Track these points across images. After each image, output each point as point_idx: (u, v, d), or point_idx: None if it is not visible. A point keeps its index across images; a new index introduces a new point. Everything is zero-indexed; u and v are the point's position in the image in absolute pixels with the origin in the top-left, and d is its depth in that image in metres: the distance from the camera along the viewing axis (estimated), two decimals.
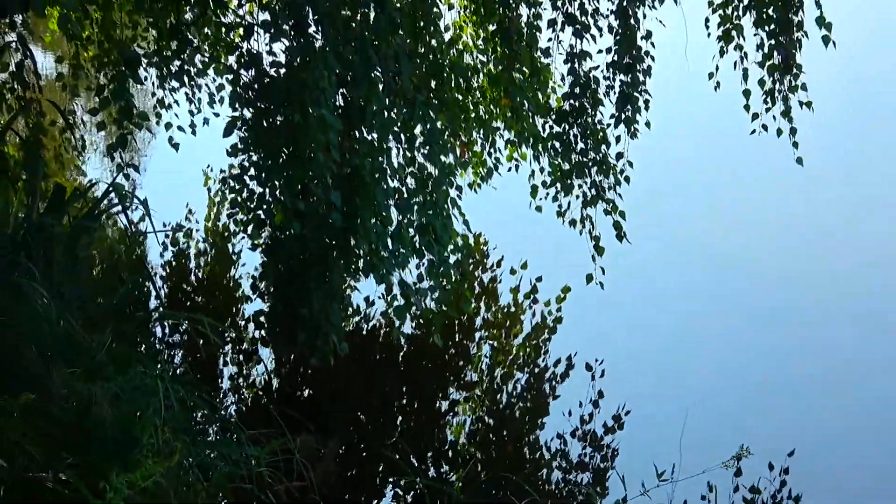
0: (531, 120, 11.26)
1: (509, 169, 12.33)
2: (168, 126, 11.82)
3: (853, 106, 17.14)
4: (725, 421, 10.25)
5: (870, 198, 14.99)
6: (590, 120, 10.78)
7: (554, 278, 12.08)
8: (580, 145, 10.94)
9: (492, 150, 12.39)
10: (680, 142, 14.68)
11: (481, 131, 12.01)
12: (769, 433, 10.08)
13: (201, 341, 10.49)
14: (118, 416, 7.50)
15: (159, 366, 9.32)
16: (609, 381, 10.96)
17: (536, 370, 11.42)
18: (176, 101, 11.80)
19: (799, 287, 12.87)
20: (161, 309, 11.83)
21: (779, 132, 10.57)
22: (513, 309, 12.32)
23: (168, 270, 12.57)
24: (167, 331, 11.64)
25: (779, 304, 12.53)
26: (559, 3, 10.53)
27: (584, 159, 10.95)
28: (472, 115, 11.79)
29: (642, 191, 11.66)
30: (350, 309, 11.42)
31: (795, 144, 10.57)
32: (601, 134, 10.82)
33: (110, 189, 11.20)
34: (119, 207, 11.64)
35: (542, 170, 11.47)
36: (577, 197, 11.15)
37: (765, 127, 10.71)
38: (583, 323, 11.83)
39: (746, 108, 10.63)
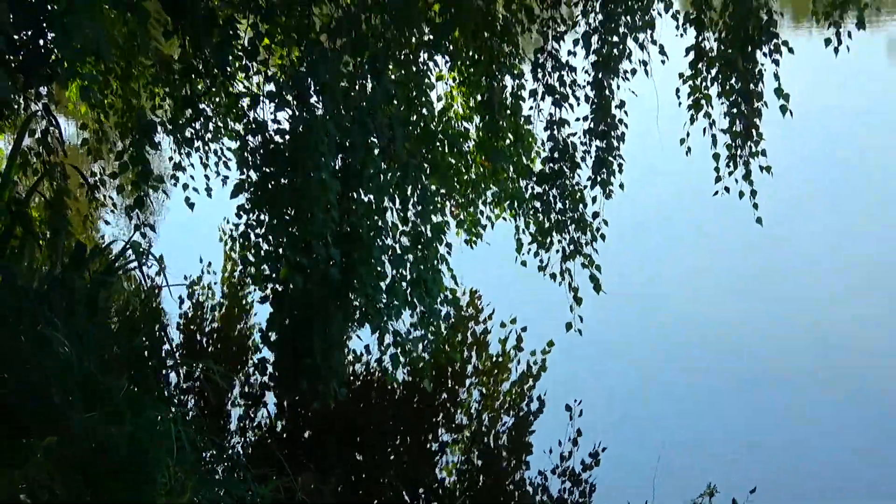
0: (515, 182, 11.64)
1: (493, 226, 12.61)
2: (185, 187, 12.01)
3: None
4: (696, 459, 10.39)
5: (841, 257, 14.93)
6: (568, 182, 11.08)
7: (540, 326, 12.17)
8: (559, 205, 11.23)
9: (482, 210, 12.62)
10: (654, 201, 14.90)
11: (470, 193, 12.26)
12: (739, 470, 10.26)
13: (212, 386, 10.86)
14: (134, 456, 7.94)
15: (172, 409, 9.66)
16: (586, 420, 11.13)
17: (521, 413, 11.60)
18: (192, 164, 11.93)
19: (767, 349, 12.81)
20: (176, 356, 12.05)
21: (741, 194, 10.89)
22: (501, 358, 12.51)
23: (185, 320, 12.77)
24: (182, 377, 11.78)
25: (746, 364, 12.48)
26: (540, 76, 10.91)
27: (563, 218, 11.25)
28: (463, 177, 11.98)
29: (618, 246, 11.88)
30: (349, 356, 11.58)
31: (755, 206, 10.84)
32: (578, 194, 11.10)
33: (128, 247, 11.54)
34: (136, 263, 11.89)
35: (526, 227, 11.72)
36: (557, 252, 11.35)
37: (727, 189, 10.96)
38: (559, 367, 11.98)
39: (716, 170, 10.89)
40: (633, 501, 9.56)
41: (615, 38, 10.30)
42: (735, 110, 10.78)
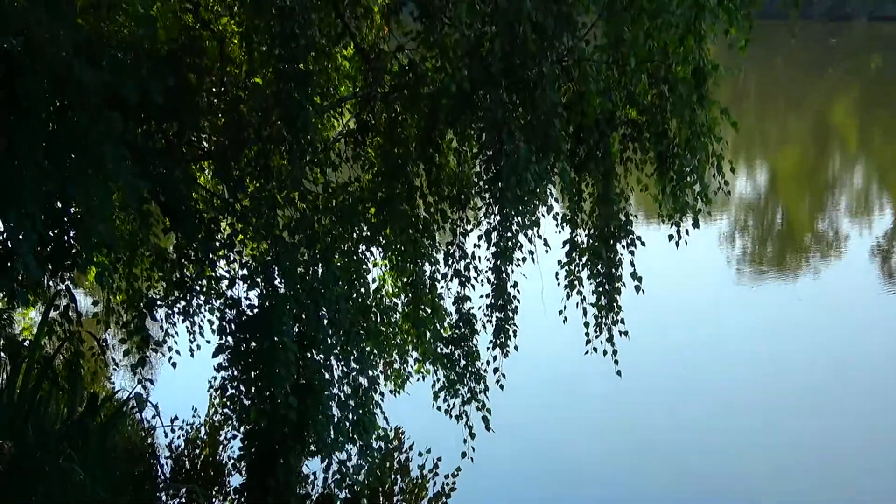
0: (431, 344, 12.29)
1: (418, 379, 13.31)
2: (170, 348, 12.60)
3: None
4: None
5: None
6: (469, 344, 11.90)
7: (452, 455, 12.75)
8: (462, 361, 12.01)
9: (407, 366, 13.37)
10: (543, 358, 15.67)
11: (397, 353, 13.04)
12: None
13: None
14: None
15: None
16: None
17: None
18: (177, 332, 12.58)
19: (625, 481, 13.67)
20: (167, 481, 12.57)
21: (604, 353, 11.72)
22: (420, 480, 13.27)
23: (175, 452, 13.26)
24: (171, 497, 12.38)
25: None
26: (450, 263, 11.75)
27: (466, 372, 12.02)
28: (392, 341, 12.71)
29: (513, 392, 12.49)
30: (305, 479, 12.05)
31: (616, 362, 11.73)
32: (476, 353, 11.92)
33: (131, 397, 12.23)
34: (138, 409, 12.58)
35: (438, 379, 12.33)
36: (460, 398, 12.08)
37: (595, 349, 11.82)
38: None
39: (587, 334, 11.77)
40: None
41: (509, 234, 10.95)
42: (600, 289, 11.66)
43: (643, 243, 11.69)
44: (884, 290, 23.22)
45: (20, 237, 8.29)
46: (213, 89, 11.42)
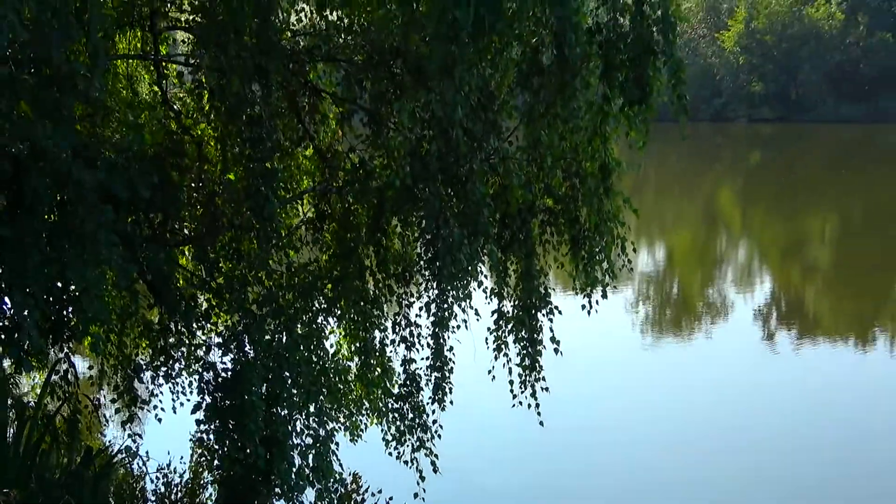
0: (382, 400, 12.42)
1: (377, 426, 12.92)
2: (155, 406, 12.32)
3: None
4: None
5: None
6: (417, 400, 11.82)
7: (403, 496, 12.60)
8: (409, 415, 11.93)
9: (360, 419, 13.18)
10: (475, 411, 15.42)
11: (352, 408, 12.93)
12: None
13: None
14: None
15: None
16: None
17: None
18: (161, 392, 12.35)
19: None
20: None
21: (528, 406, 11.70)
22: None
23: (160, 496, 13.00)
24: None
25: None
26: (397, 330, 11.70)
27: (414, 424, 11.95)
28: (348, 398, 12.67)
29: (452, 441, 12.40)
30: None
31: (539, 413, 11.69)
32: (422, 408, 11.80)
33: (121, 449, 12.27)
34: (127, 460, 12.54)
35: (388, 430, 12.33)
36: (409, 446, 12.04)
37: (520, 402, 11.80)
38: None
39: (511, 391, 11.76)
40: None
41: (446, 306, 10.90)
42: (524, 351, 11.70)
43: (560, 312, 11.76)
44: (766, 349, 23.31)
45: (25, 313, 8.27)
46: (193, 185, 11.41)
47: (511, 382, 11.81)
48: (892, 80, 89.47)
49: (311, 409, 11.14)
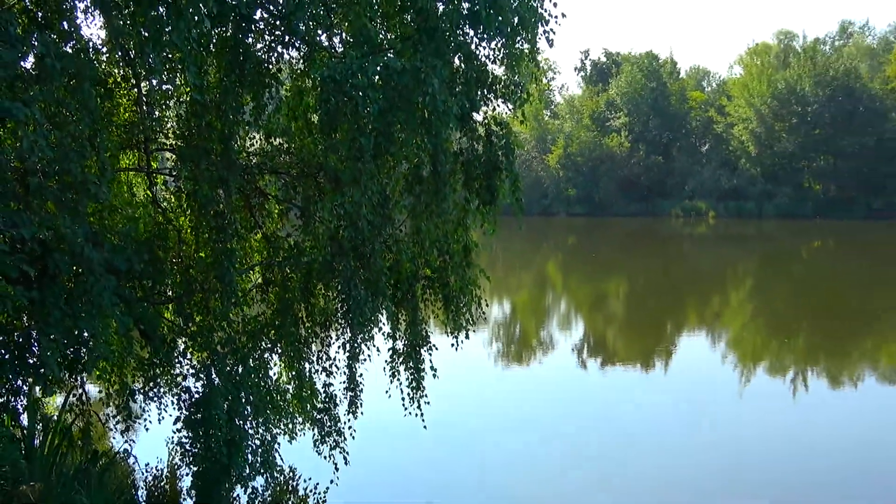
0: (310, 413, 11.90)
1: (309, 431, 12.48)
2: (146, 419, 12.40)
3: None
4: None
5: None
6: (333, 414, 11.63)
7: None
8: (329, 424, 11.76)
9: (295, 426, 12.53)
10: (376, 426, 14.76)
11: (290, 418, 12.28)
12: None
13: None
14: None
15: None
16: None
17: None
18: (150, 409, 12.09)
19: None
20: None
21: (415, 414, 11.31)
22: (304, 495, 12.72)
23: (148, 486, 12.46)
24: None
25: None
26: (321, 362, 11.58)
27: (331, 430, 11.75)
28: (286, 411, 12.10)
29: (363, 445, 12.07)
30: (232, 500, 11.46)
31: (423, 420, 11.34)
32: (338, 419, 11.58)
33: (119, 451, 12.10)
34: (124, 459, 12.19)
35: (315, 435, 11.93)
36: (328, 445, 11.81)
37: (410, 413, 11.37)
38: None
39: (403, 405, 11.38)
40: None
41: (356, 345, 10.75)
42: (412, 377, 11.46)
43: (436, 348, 11.67)
44: (580, 373, 23.54)
45: (49, 353, 8.17)
46: (174, 260, 11.26)
47: (403, 399, 11.65)
48: (662, 188, 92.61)
49: (260, 420, 10.91)
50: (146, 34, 7.72)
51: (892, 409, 19.07)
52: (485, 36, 9.51)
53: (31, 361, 8.39)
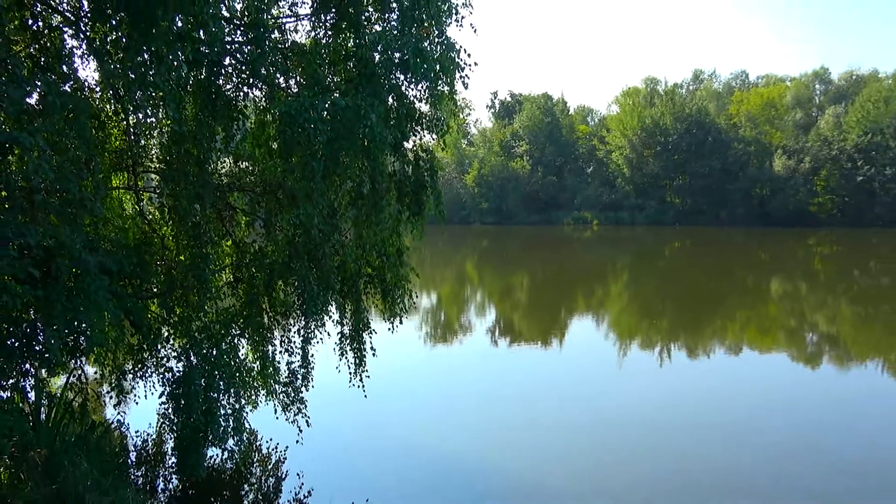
0: (272, 387, 11.66)
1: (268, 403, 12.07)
2: (136, 395, 12.09)
3: None
4: None
5: None
6: (294, 386, 11.27)
7: None
8: (291, 395, 11.35)
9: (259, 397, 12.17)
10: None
11: (254, 391, 11.90)
12: None
13: None
14: None
15: None
16: None
17: None
18: (139, 386, 11.75)
19: None
20: (132, 465, 11.55)
21: (358, 386, 11.12)
22: (267, 454, 12.48)
23: (137, 450, 12.12)
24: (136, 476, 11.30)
25: None
26: (282, 344, 11.26)
27: (293, 400, 11.39)
28: (252, 386, 11.64)
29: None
30: (207, 458, 11.13)
31: (363, 390, 11.17)
32: (298, 390, 11.26)
33: (113, 422, 11.92)
34: (117, 428, 12.03)
35: (278, 405, 11.66)
36: (292, 412, 11.41)
37: (354, 384, 11.15)
38: None
39: (350, 377, 11.23)
40: None
41: (310, 330, 10.77)
42: (356, 355, 11.29)
43: (376, 332, 11.67)
44: (492, 351, 23.59)
45: (52, 342, 7.97)
46: (158, 263, 11.01)
47: (350, 373, 11.57)
48: (557, 202, 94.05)
49: (231, 393, 10.74)
50: (133, 76, 7.67)
51: (734, 371, 19.79)
52: (413, 80, 9.62)
53: (38, 348, 8.20)
